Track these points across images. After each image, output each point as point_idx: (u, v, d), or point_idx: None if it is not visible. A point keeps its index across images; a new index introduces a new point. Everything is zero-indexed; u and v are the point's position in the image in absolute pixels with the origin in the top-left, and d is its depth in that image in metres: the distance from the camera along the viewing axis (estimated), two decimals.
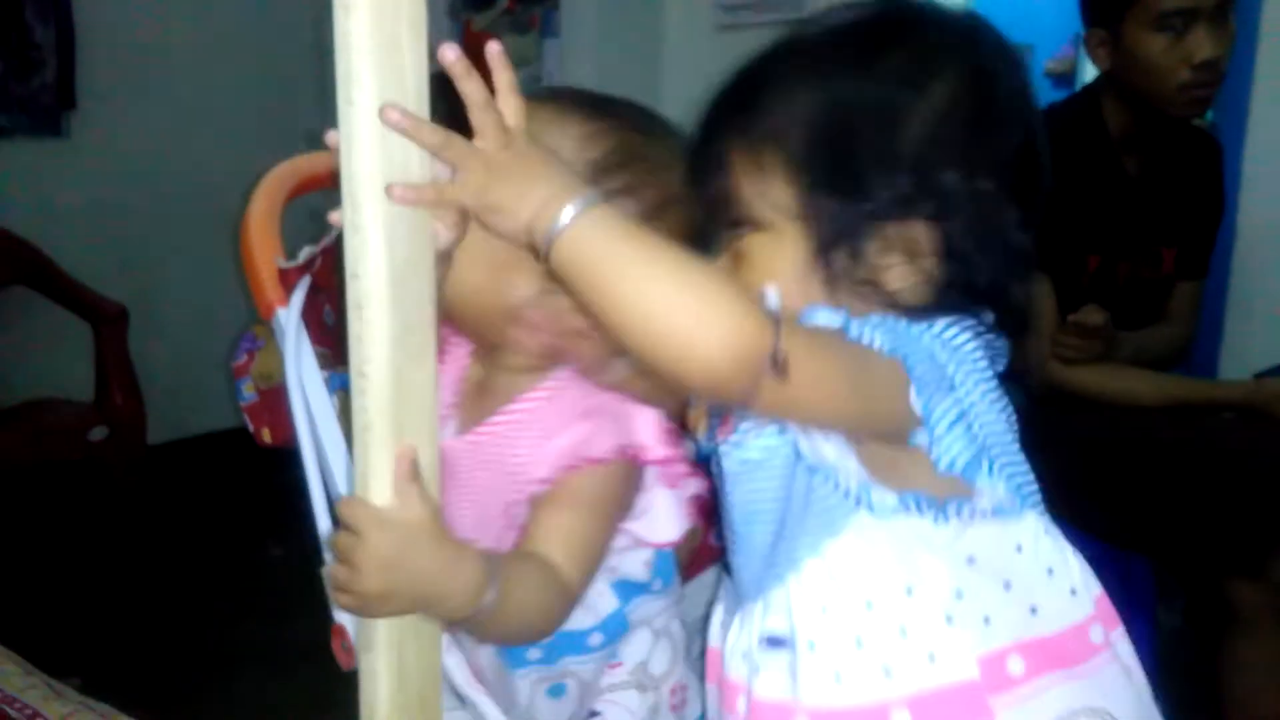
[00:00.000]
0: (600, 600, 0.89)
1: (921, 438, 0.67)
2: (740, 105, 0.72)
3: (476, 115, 0.63)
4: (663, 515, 0.90)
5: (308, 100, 3.13)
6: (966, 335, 0.69)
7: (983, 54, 0.73)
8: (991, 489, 0.69)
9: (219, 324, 2.68)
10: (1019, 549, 0.71)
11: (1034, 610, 0.70)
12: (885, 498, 0.68)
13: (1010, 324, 0.72)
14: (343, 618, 0.83)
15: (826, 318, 0.67)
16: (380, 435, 0.60)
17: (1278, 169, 2.35)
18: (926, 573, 0.68)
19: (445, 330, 0.92)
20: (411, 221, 0.59)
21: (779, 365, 0.60)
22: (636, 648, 0.93)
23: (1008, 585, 0.69)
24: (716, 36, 3.05)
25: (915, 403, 0.65)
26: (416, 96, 0.58)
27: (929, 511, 0.68)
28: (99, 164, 2.87)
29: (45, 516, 2.68)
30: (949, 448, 0.66)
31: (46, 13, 2.77)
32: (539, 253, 0.63)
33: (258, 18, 3.11)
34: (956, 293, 0.69)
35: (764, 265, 0.71)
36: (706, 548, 0.96)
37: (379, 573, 0.63)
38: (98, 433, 2.42)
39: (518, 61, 3.06)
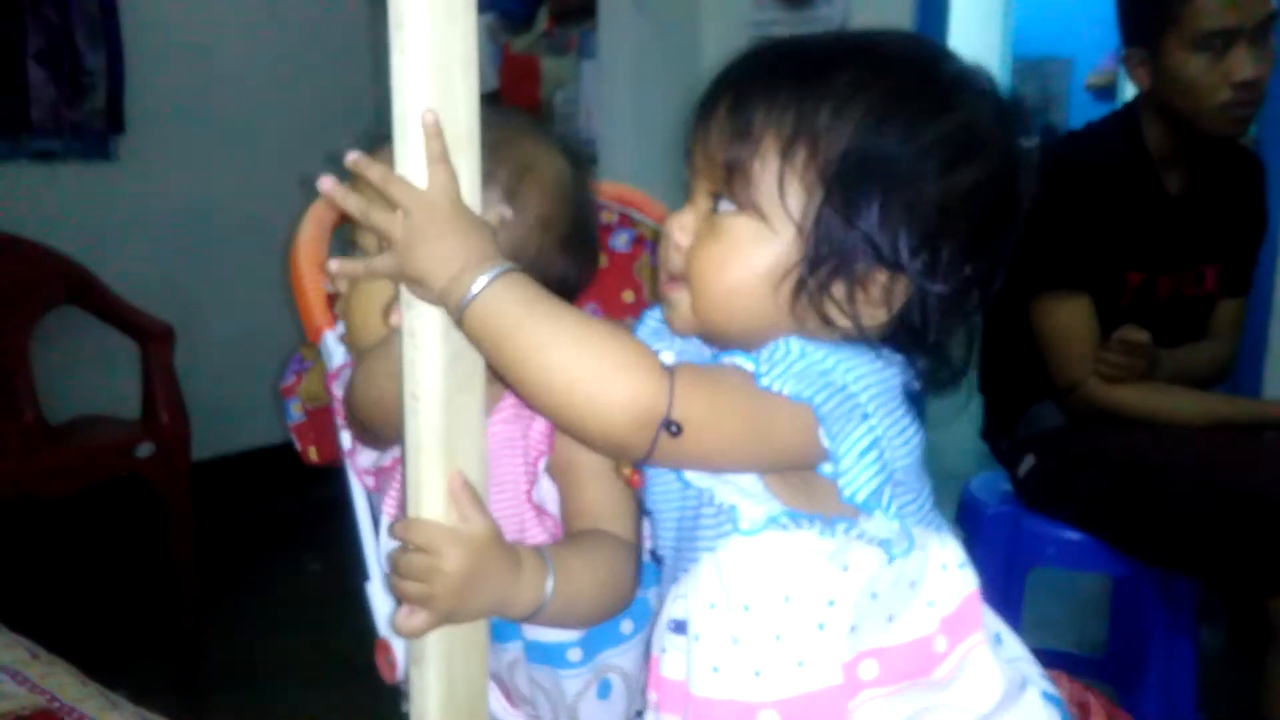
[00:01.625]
0: None
1: (828, 468, 0.68)
2: (794, 90, 0.71)
3: (387, 189, 0.65)
4: None
5: (355, 125, 3.18)
6: (887, 369, 0.71)
7: (1014, 148, 0.74)
8: (885, 523, 0.70)
9: (263, 344, 2.72)
10: (889, 561, 0.72)
11: (890, 619, 0.72)
12: (754, 515, 0.70)
13: (941, 377, 0.75)
14: (387, 633, 0.85)
15: (740, 363, 0.68)
16: (431, 456, 0.62)
17: None
18: (804, 581, 0.69)
19: None
20: None
21: (672, 427, 0.63)
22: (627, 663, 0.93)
23: (874, 596, 0.71)
24: None
25: (823, 440, 0.67)
26: (468, 133, 0.61)
27: (811, 525, 0.70)
28: (147, 187, 2.93)
29: (92, 531, 2.73)
30: (855, 478, 0.68)
31: (97, 38, 2.83)
32: (454, 318, 0.65)
33: (306, 43, 3.16)
34: (906, 340, 0.72)
35: (743, 251, 0.71)
36: None
37: (458, 588, 0.67)
38: (144, 450, 2.45)
39: (556, 83, 3.09)
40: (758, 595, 0.69)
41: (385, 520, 0.90)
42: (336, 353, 0.95)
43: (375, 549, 0.90)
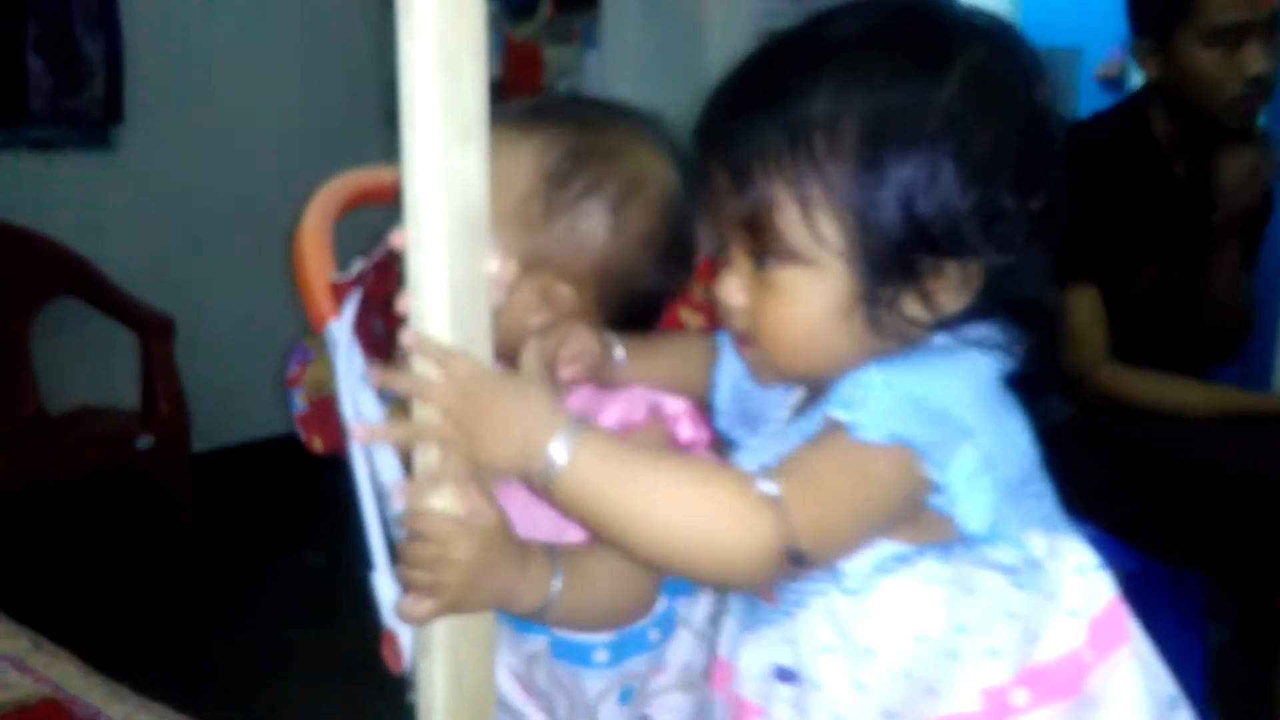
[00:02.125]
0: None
1: (938, 499, 0.66)
2: (776, 128, 0.67)
3: (423, 396, 0.64)
4: None
5: (354, 114, 3.17)
6: (980, 364, 0.69)
7: (1034, 78, 0.70)
8: (1014, 550, 0.68)
9: (263, 335, 2.71)
10: (1019, 588, 0.70)
11: (1035, 638, 0.69)
12: (860, 568, 0.68)
13: (1038, 332, 0.71)
14: (392, 623, 0.84)
15: (835, 416, 0.65)
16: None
17: None
18: (929, 615, 0.68)
19: None
20: (470, 240, 0.60)
21: (798, 556, 0.62)
22: (679, 650, 0.93)
23: (1011, 615, 0.69)
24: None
25: (930, 474, 0.65)
26: (477, 118, 0.60)
27: (924, 556, 0.68)
28: (146, 177, 2.92)
29: (91, 522, 2.72)
30: (970, 508, 0.66)
31: (95, 27, 2.82)
32: (537, 489, 0.66)
33: (307, 32, 3.15)
34: (995, 308, 0.69)
35: (802, 301, 0.69)
36: None
37: (465, 577, 0.67)
38: (143, 441, 2.45)
39: (559, 72, 3.08)
40: (882, 639, 0.68)
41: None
42: (341, 342, 0.94)
43: (380, 539, 0.89)
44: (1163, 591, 1.74)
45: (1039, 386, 0.73)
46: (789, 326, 0.70)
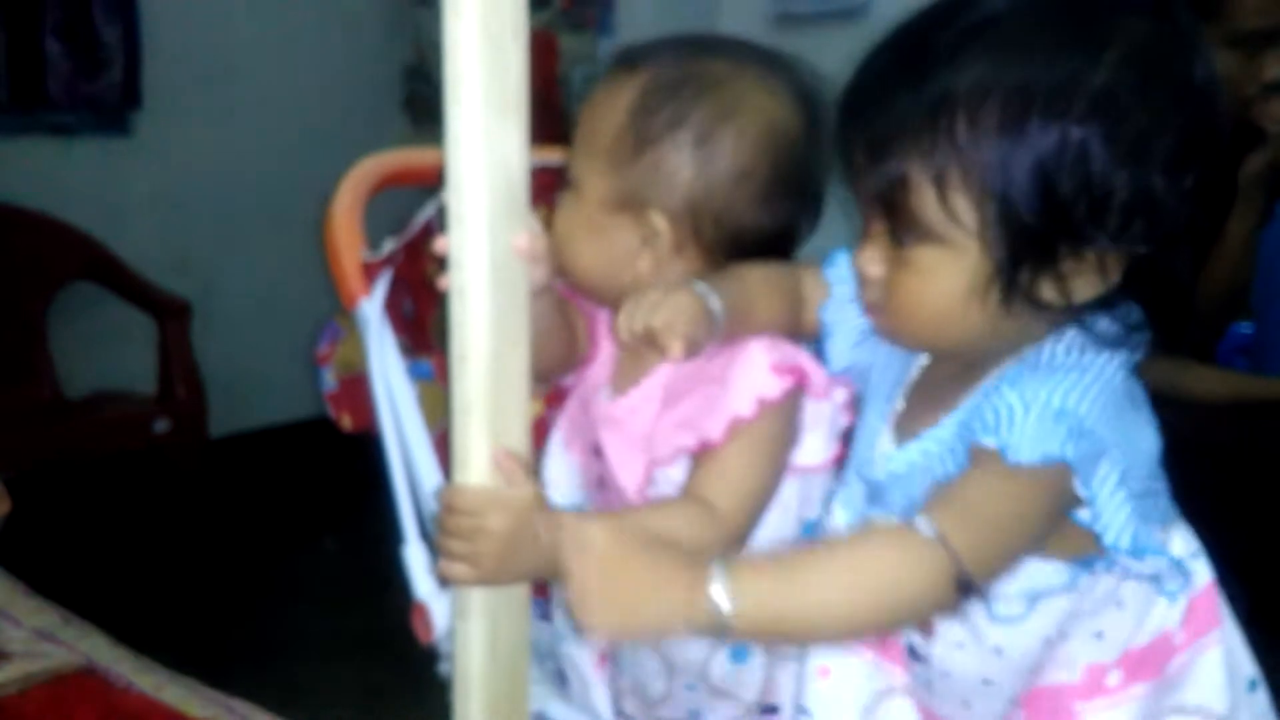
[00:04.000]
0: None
1: (1083, 513, 0.67)
2: (920, 108, 0.65)
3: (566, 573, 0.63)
4: (814, 435, 0.87)
5: (370, 99, 3.18)
6: (1108, 369, 0.68)
7: (1196, 52, 0.66)
8: (1158, 559, 0.69)
9: (280, 320, 2.73)
10: (1171, 600, 0.72)
11: (1140, 622, 0.72)
12: (1010, 596, 0.70)
13: (1170, 307, 0.70)
14: (425, 595, 0.86)
15: (984, 444, 0.65)
16: (479, 416, 0.62)
17: None
18: (1070, 630, 0.71)
19: (590, 304, 0.94)
20: (510, 214, 0.62)
21: (971, 586, 0.63)
22: (753, 674, 0.90)
23: (1120, 604, 0.71)
24: (771, 30, 3.06)
25: (1080, 489, 0.65)
26: (517, 95, 0.61)
27: (1074, 583, 0.70)
28: (164, 162, 2.93)
29: (109, 506, 2.74)
30: (1113, 522, 0.66)
31: (113, 12, 2.83)
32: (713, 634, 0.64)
33: (323, 17, 3.15)
34: (1134, 296, 0.68)
35: (939, 279, 0.68)
36: None
37: (501, 549, 0.67)
38: (160, 425, 2.47)
39: (574, 60, 3.08)
40: (1013, 643, 0.71)
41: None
42: (373, 321, 0.95)
43: (412, 512, 0.90)
44: None
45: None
46: (920, 303, 0.69)
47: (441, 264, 0.63)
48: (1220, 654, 0.75)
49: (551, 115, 3.09)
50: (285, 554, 2.72)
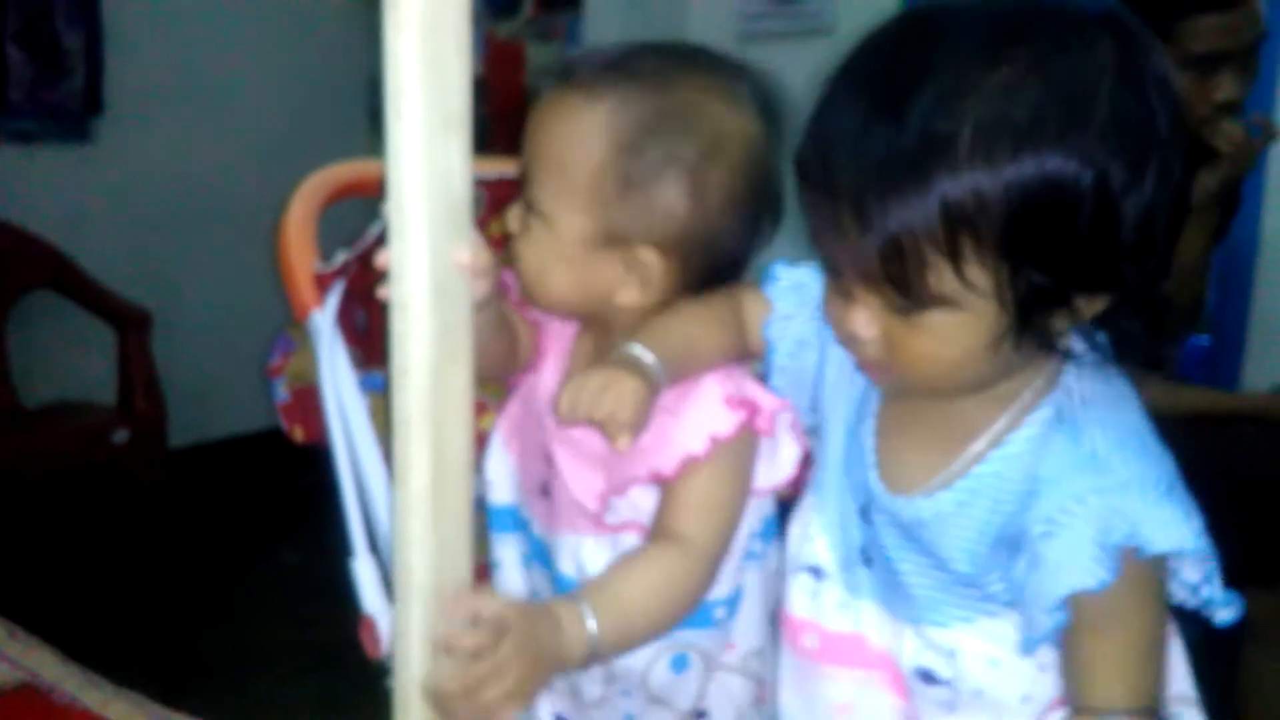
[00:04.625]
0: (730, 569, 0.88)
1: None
2: (921, 182, 0.62)
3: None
4: (772, 456, 0.88)
5: (336, 108, 3.16)
6: (1128, 389, 0.73)
7: (1170, 86, 0.67)
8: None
9: (242, 330, 2.70)
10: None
11: None
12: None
13: (1148, 323, 0.71)
14: (372, 609, 0.85)
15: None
16: (420, 430, 0.62)
17: None
18: None
19: (537, 314, 0.94)
20: (453, 228, 0.62)
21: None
22: (748, 632, 0.92)
23: None
24: (738, 47, 3.08)
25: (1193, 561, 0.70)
26: (460, 110, 0.61)
27: None
28: (125, 169, 2.91)
29: (68, 517, 2.71)
30: (1211, 579, 0.72)
31: (76, 19, 2.81)
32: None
33: (284, 26, 3.14)
34: (1123, 318, 0.70)
35: (955, 340, 0.67)
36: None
37: (523, 670, 0.68)
38: (120, 436, 2.44)
39: (542, 70, 3.09)
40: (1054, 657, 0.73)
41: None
42: (324, 332, 0.95)
43: (361, 526, 0.90)
44: None
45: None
46: (935, 360, 0.69)
47: (384, 277, 0.63)
48: (1180, 642, 0.78)
49: (520, 124, 3.09)
50: (245, 566, 2.70)
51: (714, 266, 0.86)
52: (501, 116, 2.96)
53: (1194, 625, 1.99)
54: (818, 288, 0.80)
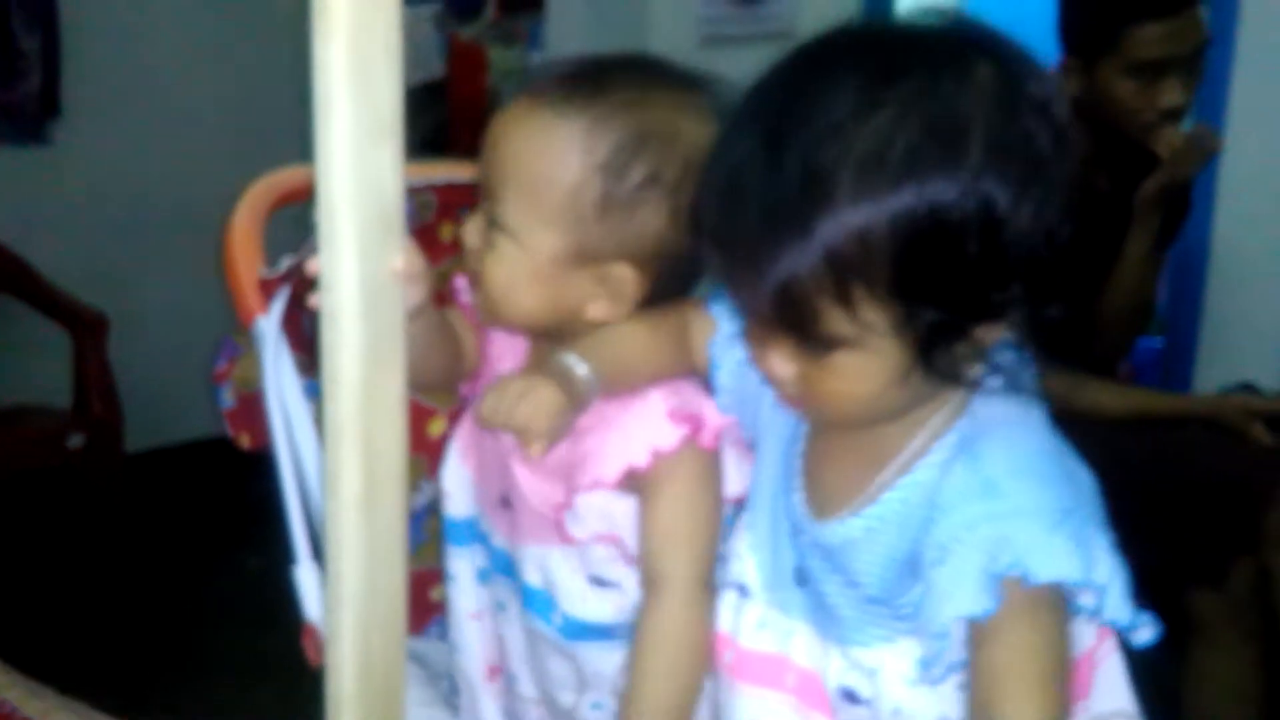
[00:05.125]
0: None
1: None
2: (810, 249, 0.63)
3: None
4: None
5: (290, 112, 3.14)
6: (1035, 412, 0.72)
7: (1050, 111, 0.66)
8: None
9: (199, 333, 2.67)
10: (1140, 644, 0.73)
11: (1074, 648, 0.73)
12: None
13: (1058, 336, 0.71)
14: (315, 617, 0.85)
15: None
16: (351, 439, 0.62)
17: (1252, 188, 2.40)
18: None
19: (491, 332, 0.94)
20: (384, 236, 0.62)
21: None
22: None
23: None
24: (699, 50, 3.09)
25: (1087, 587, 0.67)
26: (391, 118, 0.61)
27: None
28: (82, 172, 2.88)
29: (22, 523, 2.68)
30: (1114, 597, 0.67)
31: (33, 21, 2.78)
32: None
33: (242, 30, 3.13)
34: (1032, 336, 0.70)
35: (857, 379, 0.68)
36: None
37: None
38: (75, 440, 2.42)
39: (504, 73, 3.09)
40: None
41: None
42: (269, 338, 0.95)
43: (304, 532, 0.89)
44: None
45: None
46: (846, 400, 0.70)
47: (315, 285, 0.62)
48: (1118, 657, 0.78)
49: (482, 127, 3.08)
50: (203, 572, 2.68)
51: (684, 278, 0.87)
52: (463, 119, 2.96)
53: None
54: None
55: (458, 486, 0.97)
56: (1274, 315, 2.39)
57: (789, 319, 0.66)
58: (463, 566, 0.97)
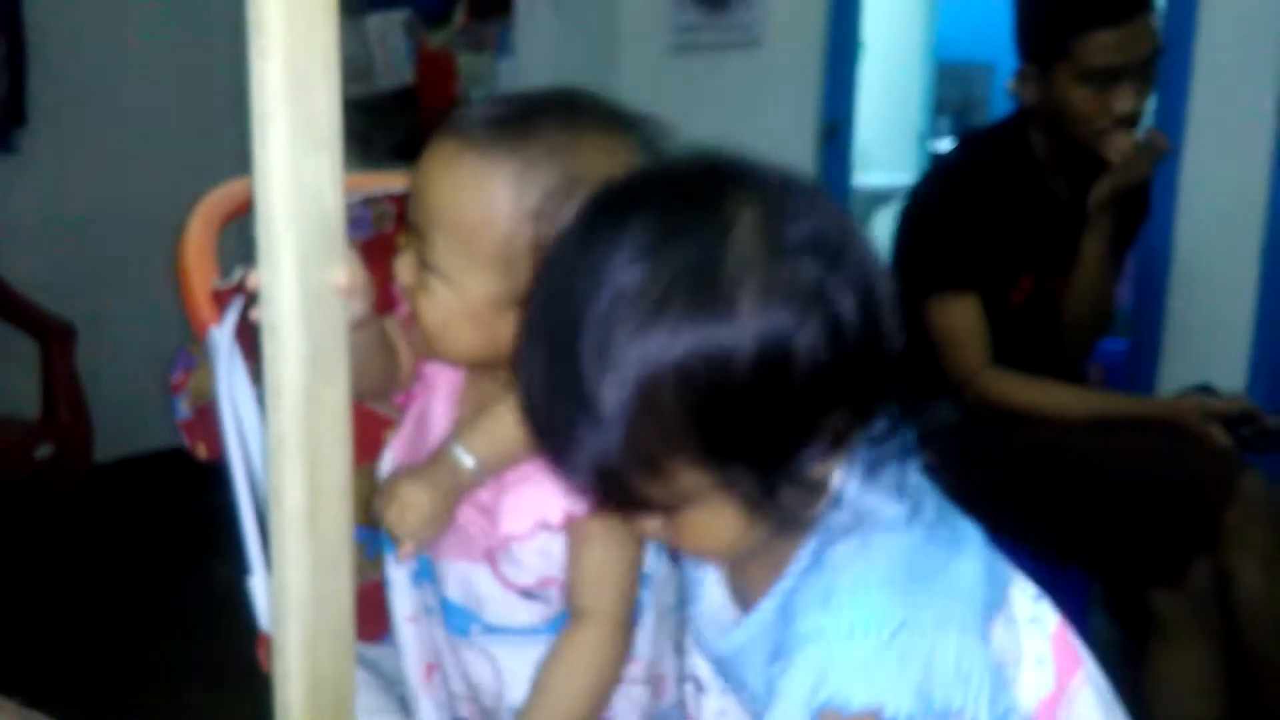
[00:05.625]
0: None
1: None
2: (590, 413, 0.63)
3: None
4: None
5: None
6: (892, 536, 0.69)
7: (851, 238, 0.65)
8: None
9: (167, 343, 2.64)
10: None
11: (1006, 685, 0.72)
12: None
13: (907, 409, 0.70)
14: (269, 626, 0.85)
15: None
16: (293, 451, 0.62)
17: (1213, 193, 2.44)
18: None
19: (424, 363, 0.96)
20: (324, 249, 0.62)
21: None
22: (647, 644, 0.93)
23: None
24: (670, 58, 3.10)
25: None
26: (328, 133, 0.61)
27: None
28: (49, 180, 2.87)
29: None
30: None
31: None
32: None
33: (210, 38, 3.11)
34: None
35: (712, 532, 0.68)
36: None
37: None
38: (43, 450, 2.40)
39: (472, 80, 3.09)
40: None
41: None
42: (222, 348, 0.95)
43: (257, 542, 0.90)
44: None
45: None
46: (708, 549, 0.72)
47: (256, 299, 0.63)
48: (1091, 692, 0.78)
49: None
50: (171, 581, 2.66)
51: None
52: (433, 125, 2.96)
53: (1108, 627, 2.02)
54: None
55: None
56: (1236, 316, 2.43)
57: (615, 499, 0.66)
58: (398, 572, 0.98)
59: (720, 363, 0.61)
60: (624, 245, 0.63)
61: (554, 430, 0.66)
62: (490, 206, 0.81)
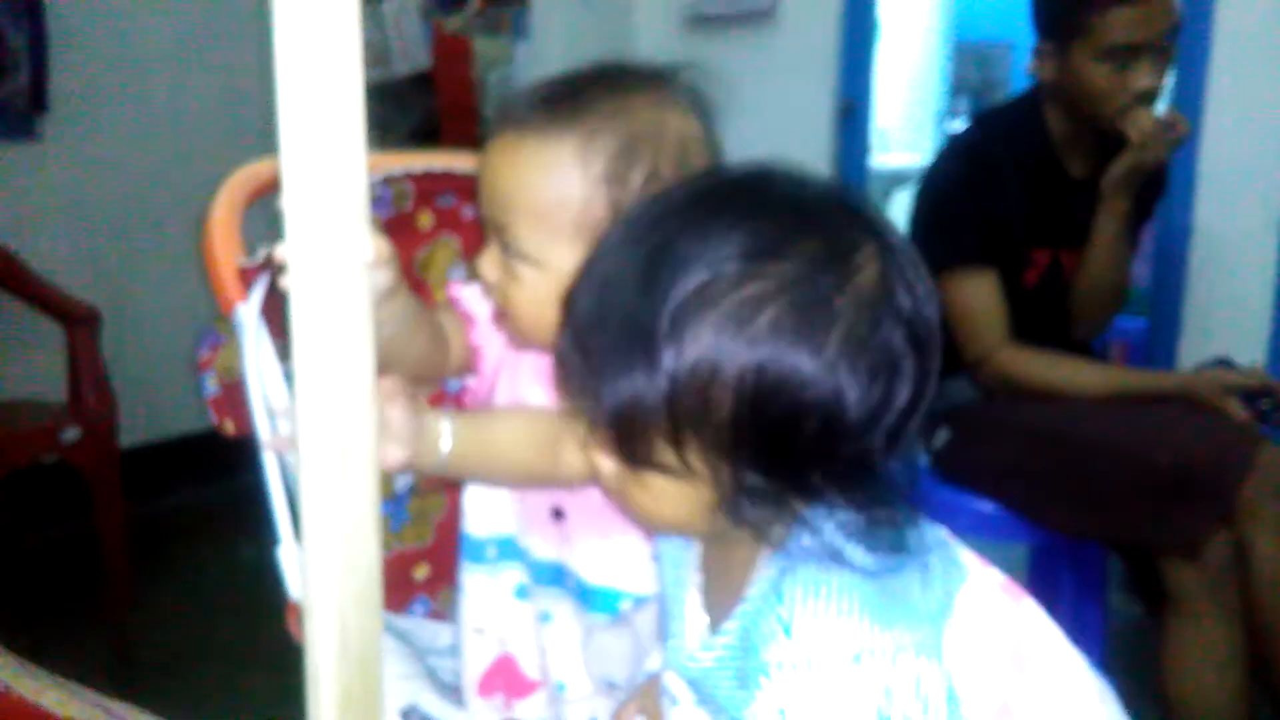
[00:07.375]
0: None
1: None
2: (649, 359, 0.64)
3: None
4: None
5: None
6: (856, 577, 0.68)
7: (912, 294, 0.66)
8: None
9: (192, 326, 2.68)
10: None
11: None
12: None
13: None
14: (297, 596, 0.87)
15: None
16: (320, 424, 0.64)
17: (1233, 170, 2.42)
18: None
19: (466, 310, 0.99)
20: (349, 224, 0.64)
21: None
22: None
23: None
24: (683, 31, 3.10)
25: None
26: (351, 104, 0.63)
27: None
28: (72, 167, 2.89)
29: (17, 517, 2.70)
30: None
31: (19, 17, 2.78)
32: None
33: (230, 22, 3.13)
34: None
35: (665, 502, 0.70)
36: None
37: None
38: (71, 433, 2.43)
39: (489, 63, 3.10)
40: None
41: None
42: (248, 325, 0.97)
43: (286, 514, 0.92)
44: (1064, 564, 1.81)
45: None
46: (652, 517, 0.72)
47: (282, 270, 0.64)
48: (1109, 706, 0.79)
49: (469, 118, 3.10)
50: (201, 563, 2.70)
51: None
52: (451, 109, 2.97)
53: (1126, 602, 2.01)
54: None
55: (480, 506, 1.00)
56: (1255, 293, 2.42)
57: (619, 434, 0.68)
58: (475, 583, 1.00)
59: (784, 387, 0.62)
60: (743, 234, 0.64)
61: (604, 351, 0.67)
62: (561, 182, 0.84)
